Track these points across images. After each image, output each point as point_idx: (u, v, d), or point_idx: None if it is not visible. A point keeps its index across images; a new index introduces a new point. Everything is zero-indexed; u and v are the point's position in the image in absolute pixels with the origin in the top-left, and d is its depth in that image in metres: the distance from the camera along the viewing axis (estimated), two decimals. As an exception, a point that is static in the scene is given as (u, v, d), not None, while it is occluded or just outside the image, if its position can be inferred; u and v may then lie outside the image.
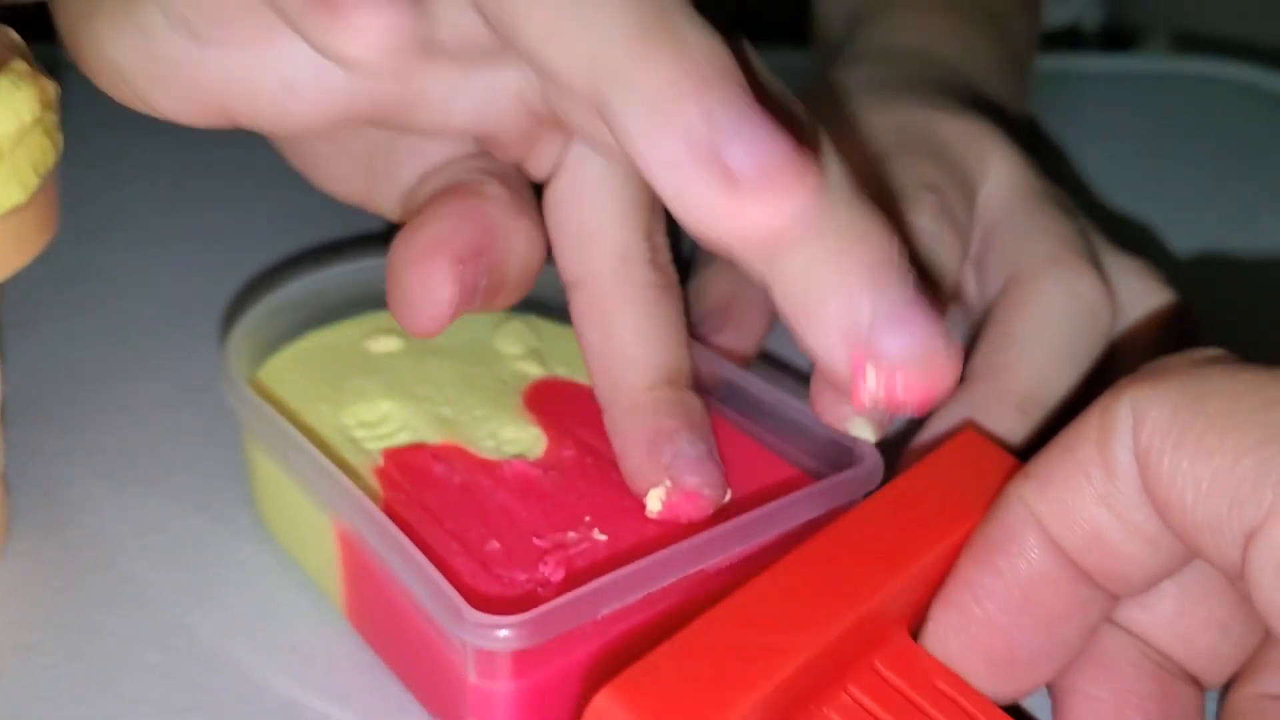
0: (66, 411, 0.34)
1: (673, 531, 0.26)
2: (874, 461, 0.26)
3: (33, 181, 0.26)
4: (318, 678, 0.26)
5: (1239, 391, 0.20)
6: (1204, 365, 0.21)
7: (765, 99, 0.20)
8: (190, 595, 0.28)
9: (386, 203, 0.28)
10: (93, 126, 0.34)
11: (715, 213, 0.20)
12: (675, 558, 0.24)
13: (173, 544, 0.29)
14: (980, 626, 0.23)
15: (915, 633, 0.24)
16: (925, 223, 0.31)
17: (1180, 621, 0.23)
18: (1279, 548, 0.19)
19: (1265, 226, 0.47)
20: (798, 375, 0.36)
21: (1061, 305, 0.31)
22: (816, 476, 0.27)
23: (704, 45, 0.20)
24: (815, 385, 0.27)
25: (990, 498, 0.24)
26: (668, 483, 0.26)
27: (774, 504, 0.25)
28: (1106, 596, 0.23)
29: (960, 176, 0.33)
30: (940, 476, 0.25)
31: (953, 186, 0.33)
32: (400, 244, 0.25)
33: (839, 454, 0.27)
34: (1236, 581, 0.20)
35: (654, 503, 0.26)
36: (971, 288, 0.34)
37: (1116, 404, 0.21)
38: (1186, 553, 0.22)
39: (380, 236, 0.43)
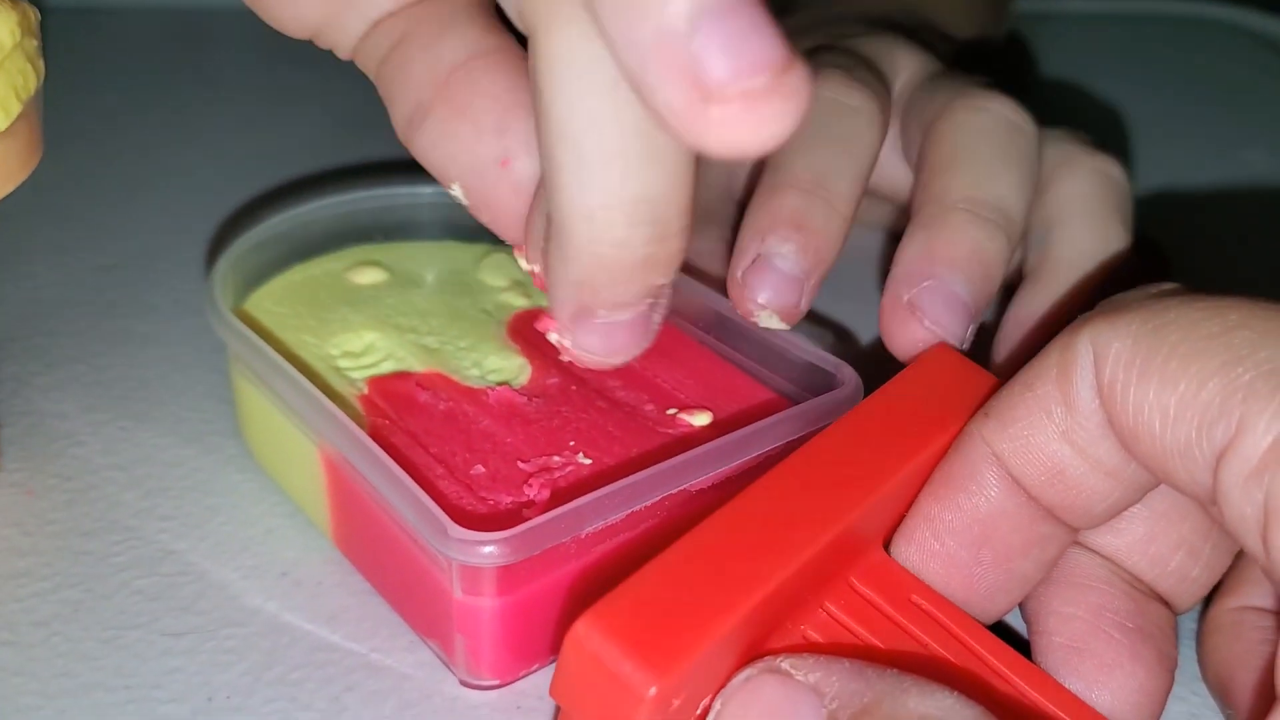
0: (53, 346, 0.34)
1: (656, 454, 0.26)
2: (853, 385, 0.27)
3: (14, 107, 0.26)
4: (306, 601, 0.26)
5: (1198, 319, 0.20)
6: (1161, 298, 0.21)
7: None
8: (179, 523, 0.28)
9: (347, 31, 0.25)
10: (75, 67, 0.33)
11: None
12: (657, 477, 0.24)
13: (161, 474, 0.30)
14: (939, 561, 0.23)
15: (888, 547, 0.24)
16: (829, 92, 0.30)
17: (1151, 545, 0.24)
18: (1248, 460, 0.19)
19: (1248, 160, 0.47)
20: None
21: (976, 121, 0.30)
22: (797, 401, 0.28)
23: None
24: (730, 279, 0.28)
25: (961, 412, 0.24)
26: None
27: (754, 425, 0.25)
28: (1065, 531, 0.23)
29: (870, 67, 0.33)
30: (912, 392, 0.25)
31: (857, 66, 0.32)
32: None
33: (819, 379, 0.27)
34: (1208, 506, 0.20)
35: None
36: (904, 174, 0.33)
37: (1075, 340, 0.22)
38: (1146, 484, 0.22)
39: (361, 170, 0.43)
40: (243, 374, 0.29)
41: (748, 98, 0.17)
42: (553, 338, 0.22)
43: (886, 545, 0.24)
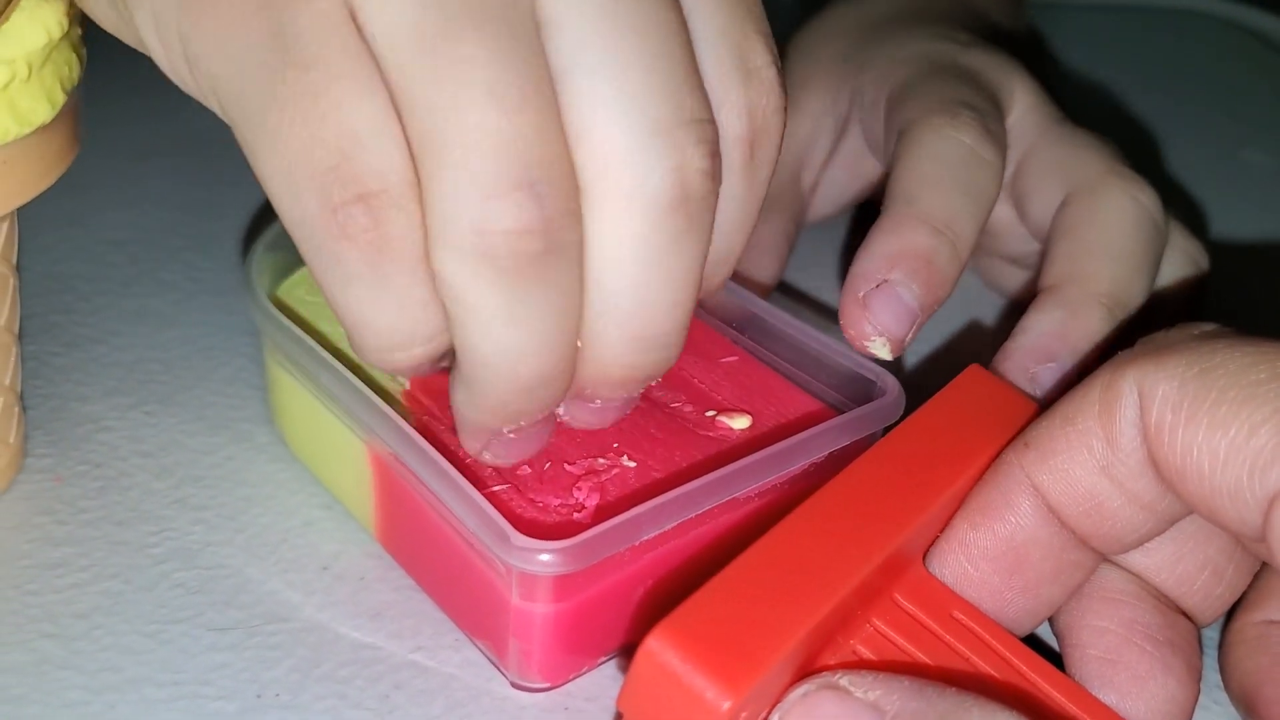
0: (71, 325, 0.34)
1: (699, 458, 0.27)
2: (896, 394, 0.27)
3: (60, 98, 0.25)
4: (349, 597, 0.26)
5: (1246, 365, 0.21)
6: (1206, 340, 0.22)
7: None
8: (215, 514, 0.28)
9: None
10: (95, 34, 0.32)
11: None
12: (708, 487, 0.24)
13: (192, 462, 0.30)
14: (972, 585, 0.24)
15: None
16: (968, 140, 0.31)
17: (1178, 565, 0.25)
18: None
19: (1248, 161, 0.48)
20: (819, 309, 0.36)
21: (1131, 213, 0.31)
22: (838, 408, 0.28)
23: None
24: (850, 298, 0.28)
25: (998, 433, 0.25)
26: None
27: (801, 435, 0.26)
28: (1093, 558, 0.24)
29: (993, 101, 0.34)
30: (952, 414, 0.26)
31: (988, 108, 0.33)
32: None
33: (861, 387, 0.28)
34: (1252, 543, 0.21)
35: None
36: (1004, 213, 0.35)
37: (1119, 379, 0.22)
38: (1177, 516, 0.23)
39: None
40: (282, 365, 0.28)
41: None
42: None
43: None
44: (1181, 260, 0.33)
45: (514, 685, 0.24)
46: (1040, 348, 0.29)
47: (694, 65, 0.22)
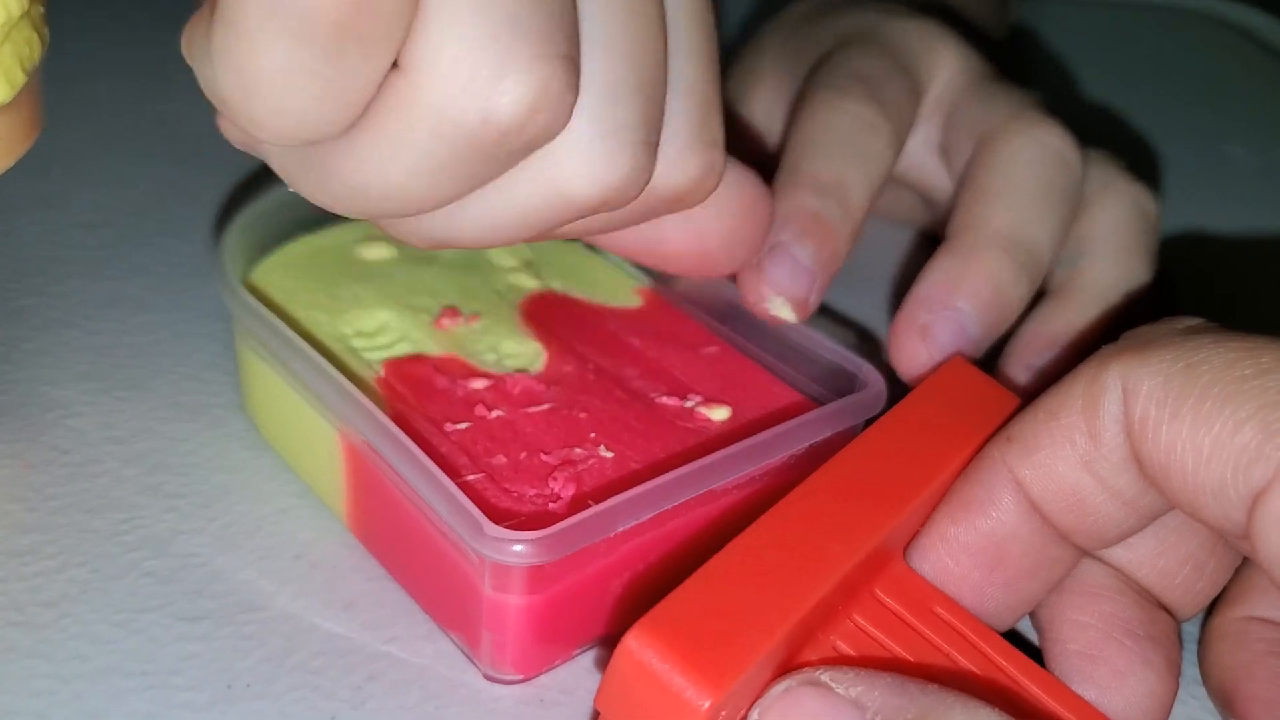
0: (41, 308, 0.33)
1: (677, 449, 0.26)
2: (879, 387, 0.27)
3: (19, 78, 0.25)
4: (323, 587, 0.26)
5: (1231, 360, 0.21)
6: (1191, 335, 0.22)
7: None
8: (186, 502, 0.28)
9: None
10: (63, 15, 0.32)
11: None
12: (687, 478, 0.24)
13: (165, 449, 0.29)
14: (953, 579, 0.24)
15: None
16: (852, 106, 0.31)
17: (1160, 560, 0.25)
18: None
19: (1231, 156, 0.48)
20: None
21: (1028, 153, 0.31)
22: (820, 400, 0.28)
23: None
24: (739, 271, 0.29)
25: (981, 427, 0.25)
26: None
27: (781, 427, 0.25)
28: (1073, 554, 0.24)
29: (902, 67, 0.33)
30: (934, 407, 0.26)
31: (890, 75, 0.33)
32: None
33: (842, 379, 0.27)
34: (1236, 540, 0.21)
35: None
36: (939, 175, 0.34)
37: (1103, 374, 0.22)
38: (1159, 512, 0.23)
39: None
40: (254, 350, 0.28)
41: None
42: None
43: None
44: (1123, 204, 0.32)
45: (487, 677, 0.24)
46: (929, 298, 0.29)
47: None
